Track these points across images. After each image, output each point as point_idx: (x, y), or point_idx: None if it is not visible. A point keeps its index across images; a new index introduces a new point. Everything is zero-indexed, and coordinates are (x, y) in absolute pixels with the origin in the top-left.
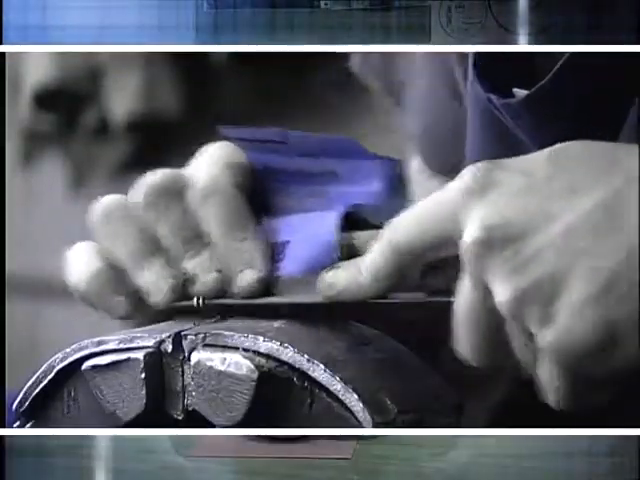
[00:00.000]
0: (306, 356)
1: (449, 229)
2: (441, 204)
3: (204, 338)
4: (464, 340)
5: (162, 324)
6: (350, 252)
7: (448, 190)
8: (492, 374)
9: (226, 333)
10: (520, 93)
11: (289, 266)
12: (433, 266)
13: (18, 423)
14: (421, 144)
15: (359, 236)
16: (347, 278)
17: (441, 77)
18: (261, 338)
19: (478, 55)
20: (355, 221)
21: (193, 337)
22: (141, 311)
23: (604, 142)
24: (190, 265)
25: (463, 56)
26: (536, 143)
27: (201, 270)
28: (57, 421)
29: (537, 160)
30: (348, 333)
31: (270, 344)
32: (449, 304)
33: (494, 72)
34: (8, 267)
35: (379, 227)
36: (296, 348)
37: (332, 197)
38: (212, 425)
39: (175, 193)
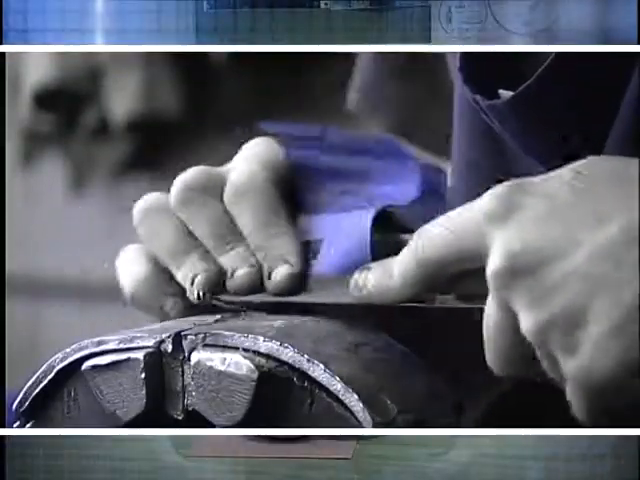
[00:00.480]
0: (306, 356)
1: (473, 248)
2: (465, 223)
3: (204, 338)
4: (492, 353)
5: (162, 324)
6: (385, 253)
7: (473, 210)
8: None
9: (226, 333)
10: (506, 94)
11: (322, 264)
12: (464, 271)
13: (18, 423)
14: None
15: (394, 238)
16: (377, 281)
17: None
18: (261, 338)
19: (465, 57)
20: (389, 222)
21: (193, 337)
22: (190, 310)
23: (624, 158)
24: (224, 260)
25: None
26: (522, 145)
27: (235, 265)
28: (57, 421)
29: (560, 181)
30: (348, 333)
31: (270, 344)
32: (479, 311)
33: (480, 73)
34: (8, 267)
35: (412, 231)
36: (296, 348)
37: (366, 196)
38: (212, 425)
39: (211, 189)
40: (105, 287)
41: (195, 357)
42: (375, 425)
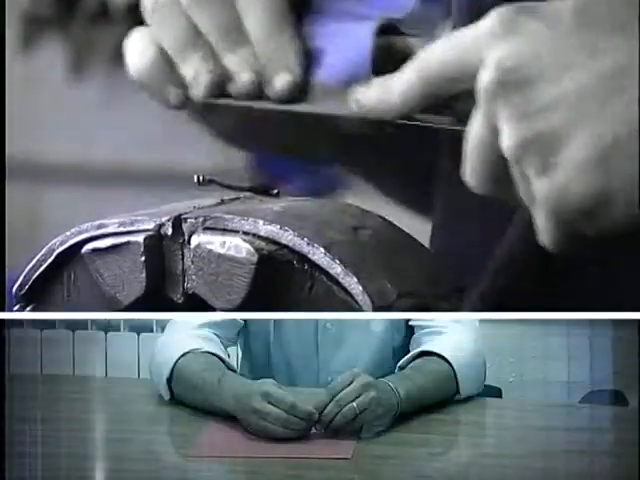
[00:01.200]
0: (306, 239)
1: (470, 64)
2: (467, 41)
3: (204, 221)
4: (471, 169)
5: (163, 207)
6: (386, 59)
7: (476, 29)
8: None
9: (226, 216)
10: None
11: (324, 73)
12: (463, 92)
13: (18, 307)
14: None
15: (396, 41)
16: (377, 96)
17: None
18: (261, 221)
19: None
20: (390, 32)
21: (193, 220)
22: (192, 103)
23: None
24: (229, 61)
25: None
26: None
27: (239, 68)
28: (57, 305)
29: (564, 10)
30: (348, 217)
31: (270, 227)
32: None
33: None
34: (8, 150)
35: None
36: (296, 231)
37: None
38: (212, 309)
39: None
40: (106, 171)
41: (195, 240)
42: (375, 309)
